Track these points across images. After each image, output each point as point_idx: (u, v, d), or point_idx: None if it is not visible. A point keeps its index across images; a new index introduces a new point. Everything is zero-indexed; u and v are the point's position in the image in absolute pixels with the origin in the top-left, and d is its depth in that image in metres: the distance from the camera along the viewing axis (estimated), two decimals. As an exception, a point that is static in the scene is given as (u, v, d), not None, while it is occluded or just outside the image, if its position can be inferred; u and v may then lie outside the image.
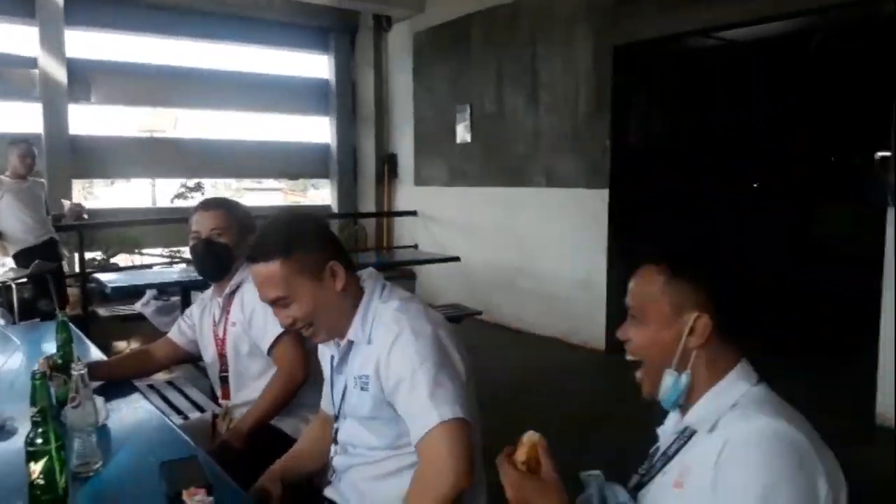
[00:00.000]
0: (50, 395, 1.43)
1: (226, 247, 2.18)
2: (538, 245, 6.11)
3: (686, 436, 1.16)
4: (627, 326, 1.23)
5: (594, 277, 5.56)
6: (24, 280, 4.62)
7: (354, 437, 1.62)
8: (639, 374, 1.22)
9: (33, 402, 1.40)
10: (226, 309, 2.20)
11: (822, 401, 3.24)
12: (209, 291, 2.34)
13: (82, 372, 1.60)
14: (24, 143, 4.99)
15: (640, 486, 1.22)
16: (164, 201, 8.10)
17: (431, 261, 5.73)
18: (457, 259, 5.27)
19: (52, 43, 6.60)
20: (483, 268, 6.52)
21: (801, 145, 8.83)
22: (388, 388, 1.48)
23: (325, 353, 1.71)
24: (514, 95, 6.29)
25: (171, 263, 6.86)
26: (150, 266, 6.70)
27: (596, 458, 1.49)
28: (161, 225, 6.83)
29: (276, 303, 1.56)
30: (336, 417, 1.67)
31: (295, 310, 1.54)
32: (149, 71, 7.40)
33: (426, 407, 1.40)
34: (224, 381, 2.23)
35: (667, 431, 1.24)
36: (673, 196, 6.78)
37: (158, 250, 7.22)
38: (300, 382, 2.06)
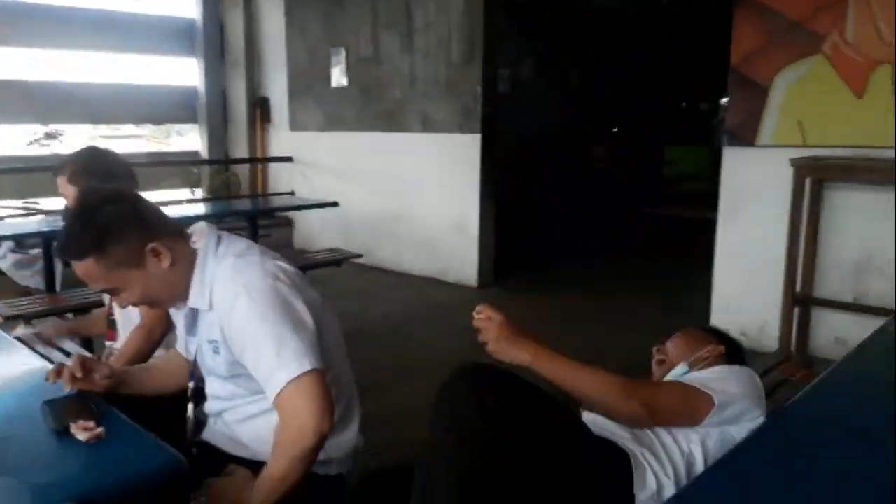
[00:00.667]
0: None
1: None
2: (415, 190, 6.26)
3: None
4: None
5: (468, 220, 5.81)
6: None
7: (219, 391, 1.68)
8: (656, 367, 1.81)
9: None
10: None
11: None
12: None
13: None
14: None
15: None
16: (11, 149, 7.47)
17: (308, 206, 5.73)
18: (335, 204, 5.31)
19: None
20: (361, 213, 6.60)
21: (655, 93, 9.50)
22: (236, 351, 1.51)
23: (177, 314, 1.73)
24: (390, 39, 6.30)
25: (27, 215, 6.40)
26: (2, 218, 6.22)
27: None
28: (13, 175, 6.34)
29: (105, 292, 1.59)
30: (196, 373, 1.72)
31: (127, 297, 1.55)
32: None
33: (273, 367, 1.43)
34: (112, 323, 2.26)
35: None
36: (539, 141, 7.15)
37: (12, 201, 6.70)
38: (161, 335, 2.15)
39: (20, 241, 4.76)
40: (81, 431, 1.46)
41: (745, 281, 4.28)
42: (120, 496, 1.31)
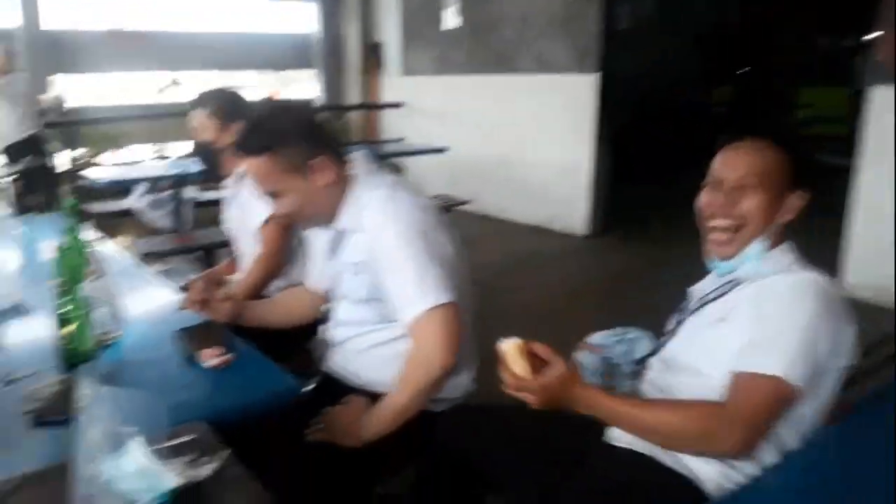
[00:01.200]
0: (72, 265, 1.53)
1: (206, 145, 2.32)
2: (525, 134, 6.12)
3: (731, 285, 1.34)
4: (734, 194, 1.31)
5: (580, 165, 5.62)
6: (15, 176, 4.63)
7: (351, 315, 1.71)
8: (724, 237, 1.33)
9: (57, 275, 1.50)
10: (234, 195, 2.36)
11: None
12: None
13: (97, 249, 1.70)
14: (5, 39, 4.87)
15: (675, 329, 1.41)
16: (142, 97, 7.94)
17: (418, 152, 5.74)
18: (443, 150, 5.29)
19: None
20: (470, 159, 6.55)
21: (788, 30, 8.72)
22: (381, 272, 1.56)
23: (319, 236, 1.79)
24: (503, -23, 6.10)
25: (160, 159, 6.82)
26: (137, 164, 6.66)
27: (583, 332, 1.62)
28: (148, 121, 6.75)
29: (267, 195, 1.64)
30: (329, 298, 1.78)
31: (285, 203, 1.61)
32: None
33: (414, 294, 1.48)
34: (236, 259, 2.38)
35: (703, 289, 1.43)
36: (658, 82, 6.75)
37: (145, 146, 7.16)
38: (278, 266, 2.24)
39: (153, 184, 5.07)
40: (210, 358, 1.54)
41: (889, 237, 3.89)
42: (243, 419, 1.38)
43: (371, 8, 7.91)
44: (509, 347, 1.22)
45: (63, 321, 1.49)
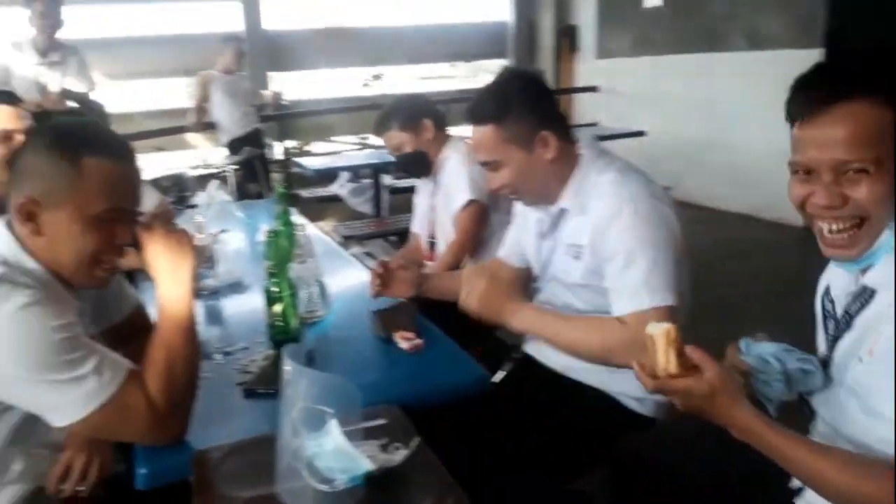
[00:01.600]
0: (282, 248, 1.63)
1: (410, 155, 2.36)
2: (733, 115, 5.63)
3: (867, 295, 1.02)
4: (849, 182, 0.97)
5: (797, 148, 5.04)
6: (236, 166, 5.12)
7: (557, 299, 1.64)
8: (842, 239, 1.01)
9: (269, 256, 1.59)
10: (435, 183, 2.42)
11: None
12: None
13: (304, 232, 1.79)
14: (236, 41, 5.35)
15: (834, 344, 1.09)
16: (347, 91, 8.45)
17: (614, 136, 5.48)
18: (641, 134, 5.01)
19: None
20: (669, 142, 6.16)
21: None
22: (602, 259, 1.47)
23: (529, 215, 1.72)
24: (712, -52, 5.65)
25: (360, 149, 7.24)
26: (341, 154, 7.13)
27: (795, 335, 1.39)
28: (349, 114, 7.18)
29: (486, 165, 1.59)
30: (537, 278, 1.71)
31: (503, 175, 1.56)
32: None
33: (638, 287, 1.39)
34: (431, 245, 2.41)
35: (842, 287, 1.10)
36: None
37: (349, 137, 7.63)
38: (471, 249, 2.26)
39: (355, 172, 5.38)
40: (403, 340, 1.55)
41: None
42: (433, 404, 1.37)
43: (566, -9, 7.74)
44: (658, 334, 0.98)
45: (272, 300, 1.57)
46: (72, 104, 3.84)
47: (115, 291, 1.43)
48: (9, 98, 2.15)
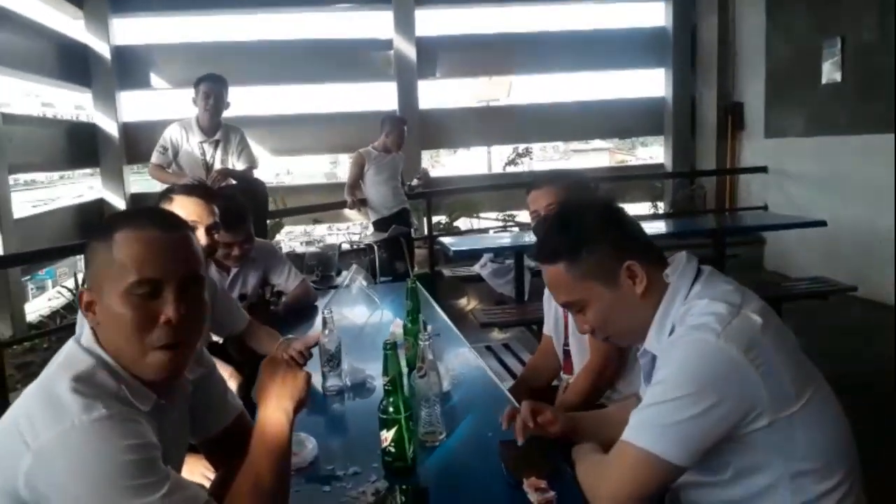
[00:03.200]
0: (400, 365, 1.44)
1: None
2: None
3: None
4: None
5: None
6: (380, 244, 5.14)
7: None
8: None
9: (385, 372, 1.42)
10: None
11: None
12: None
13: (428, 342, 1.60)
14: (397, 121, 5.38)
15: None
16: (497, 167, 8.47)
17: (788, 225, 4.91)
18: (822, 224, 4.45)
19: (404, 24, 7.23)
20: (852, 233, 5.45)
21: None
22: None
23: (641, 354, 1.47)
24: (904, 18, 5.06)
25: (504, 227, 7.14)
26: (486, 230, 7.05)
27: None
28: (495, 191, 7.13)
29: (568, 307, 1.39)
30: None
31: (590, 316, 1.35)
32: (486, 41, 7.72)
33: (639, 421, 1.21)
34: (567, 354, 2.11)
35: None
36: None
37: (494, 214, 7.57)
38: (610, 376, 1.94)
39: (498, 253, 5.23)
40: (533, 491, 1.30)
41: None
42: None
43: (731, 67, 7.30)
44: None
45: (386, 423, 1.39)
46: (233, 181, 4.02)
47: (217, 396, 1.31)
48: (203, 192, 2.18)
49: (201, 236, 2.03)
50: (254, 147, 4.39)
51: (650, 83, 8.12)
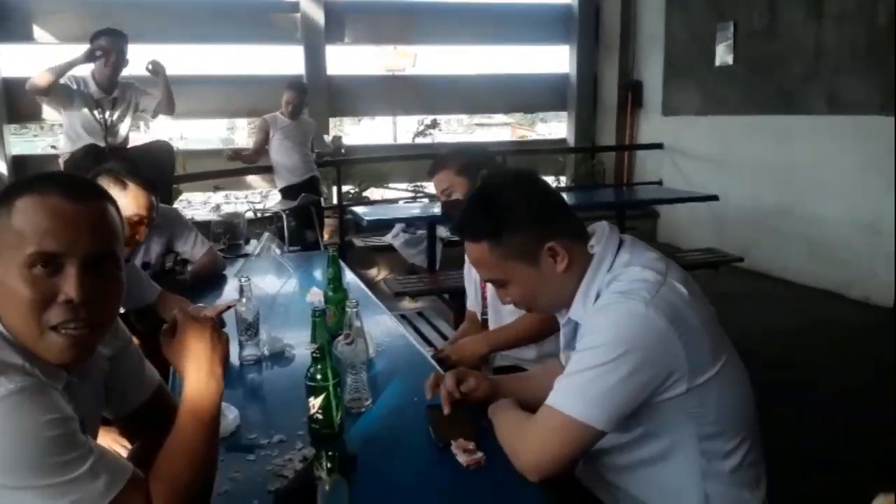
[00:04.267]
0: (328, 333, 1.42)
1: (458, 203, 2.13)
2: (812, 183, 5.29)
3: None
4: None
5: (882, 223, 4.68)
6: (289, 212, 5.01)
7: None
8: None
9: (313, 339, 1.40)
10: None
11: None
12: None
13: (355, 309, 1.58)
14: (293, 88, 5.28)
15: None
16: (403, 138, 8.42)
17: (684, 199, 5.20)
18: (714, 198, 4.72)
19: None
20: (739, 208, 5.83)
21: None
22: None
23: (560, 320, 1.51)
24: (792, 7, 5.39)
25: (414, 198, 7.13)
26: (396, 201, 7.02)
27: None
28: (405, 161, 7.09)
29: (490, 282, 1.42)
30: None
31: (512, 292, 1.38)
32: (393, 8, 7.58)
33: (564, 387, 1.24)
34: (485, 323, 2.17)
35: None
36: None
37: (403, 185, 7.54)
38: (546, 332, 1.95)
39: (410, 223, 5.22)
40: (462, 452, 1.32)
41: None
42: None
43: (632, 46, 7.56)
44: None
45: (313, 390, 1.37)
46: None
47: (134, 370, 1.24)
48: (153, 186, 2.06)
49: (144, 230, 1.95)
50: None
51: (555, 59, 8.27)
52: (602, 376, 1.19)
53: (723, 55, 6.12)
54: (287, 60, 7.26)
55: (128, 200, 2.02)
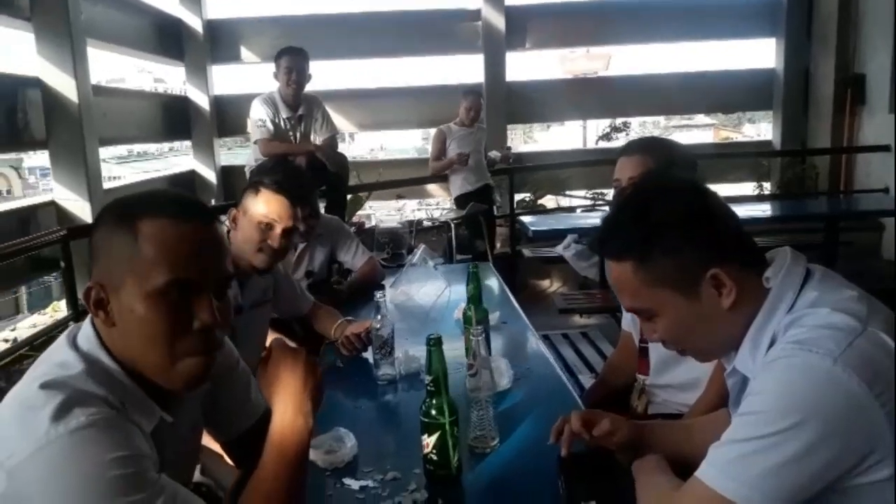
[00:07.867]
0: (445, 363, 1.27)
1: None
2: None
3: None
4: None
5: None
6: (458, 221, 4.96)
7: None
8: None
9: (428, 371, 1.26)
10: None
11: None
12: None
13: (481, 336, 1.42)
14: (472, 94, 5.27)
15: None
16: (593, 142, 8.11)
17: (914, 211, 4.39)
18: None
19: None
20: None
21: None
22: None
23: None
24: None
25: (593, 207, 6.80)
26: (573, 209, 6.75)
27: None
28: (586, 167, 6.80)
29: (634, 312, 1.13)
30: None
31: (660, 328, 1.09)
32: (581, 9, 7.33)
33: (716, 457, 0.97)
34: (643, 352, 1.86)
35: None
36: None
37: (583, 192, 7.25)
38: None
39: (583, 234, 4.94)
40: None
41: None
42: None
43: (851, 36, 6.60)
44: None
45: (427, 426, 1.24)
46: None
47: (240, 394, 1.19)
48: (293, 193, 2.02)
49: (276, 237, 1.93)
50: (339, 121, 4.32)
51: (758, 54, 7.51)
52: (764, 452, 0.91)
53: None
54: (468, 69, 7.33)
55: (261, 206, 1.98)
